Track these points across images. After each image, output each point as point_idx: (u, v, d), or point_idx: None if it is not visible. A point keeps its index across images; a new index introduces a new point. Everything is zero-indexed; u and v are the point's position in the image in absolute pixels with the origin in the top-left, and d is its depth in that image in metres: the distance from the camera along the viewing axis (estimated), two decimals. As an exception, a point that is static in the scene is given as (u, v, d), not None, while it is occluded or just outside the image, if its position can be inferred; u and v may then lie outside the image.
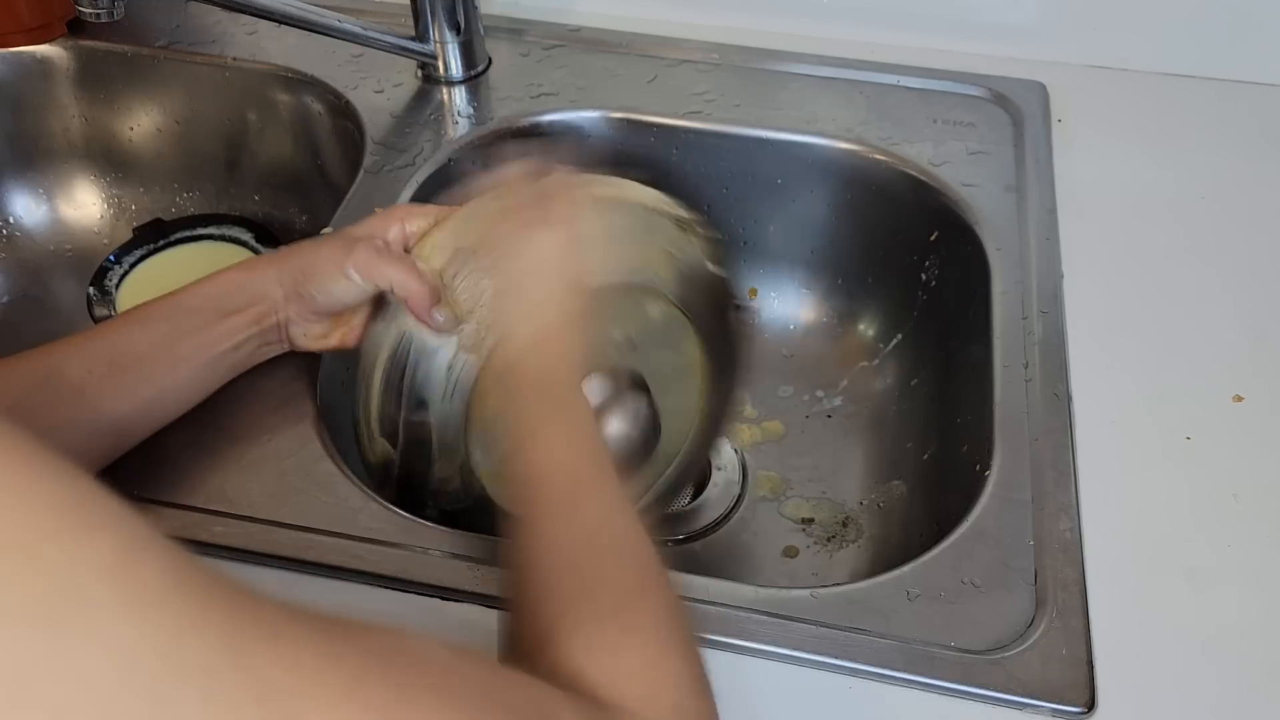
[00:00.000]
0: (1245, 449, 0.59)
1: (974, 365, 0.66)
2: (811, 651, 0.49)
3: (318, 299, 0.55)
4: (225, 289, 0.56)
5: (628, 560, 0.41)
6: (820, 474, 0.77)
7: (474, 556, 0.52)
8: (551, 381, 0.49)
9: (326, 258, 0.54)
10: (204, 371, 0.55)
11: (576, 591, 0.39)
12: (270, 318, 0.56)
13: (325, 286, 0.54)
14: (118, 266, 0.84)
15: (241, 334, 0.55)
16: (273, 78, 0.84)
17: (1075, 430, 0.59)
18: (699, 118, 0.80)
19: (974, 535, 0.54)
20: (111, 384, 0.52)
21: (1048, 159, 0.77)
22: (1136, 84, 0.85)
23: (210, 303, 0.55)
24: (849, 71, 0.84)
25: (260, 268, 0.56)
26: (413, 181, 0.75)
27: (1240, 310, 0.67)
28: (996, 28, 0.86)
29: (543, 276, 0.52)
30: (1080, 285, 0.68)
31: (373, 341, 0.56)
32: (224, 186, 0.90)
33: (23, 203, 0.89)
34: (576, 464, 0.45)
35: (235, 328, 0.55)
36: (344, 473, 0.56)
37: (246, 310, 0.55)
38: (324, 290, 0.54)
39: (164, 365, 0.54)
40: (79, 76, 0.86)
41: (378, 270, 0.53)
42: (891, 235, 0.79)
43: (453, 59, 0.82)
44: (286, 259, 0.56)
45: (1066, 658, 0.49)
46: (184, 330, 0.54)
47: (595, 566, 0.40)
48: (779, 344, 0.84)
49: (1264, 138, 0.80)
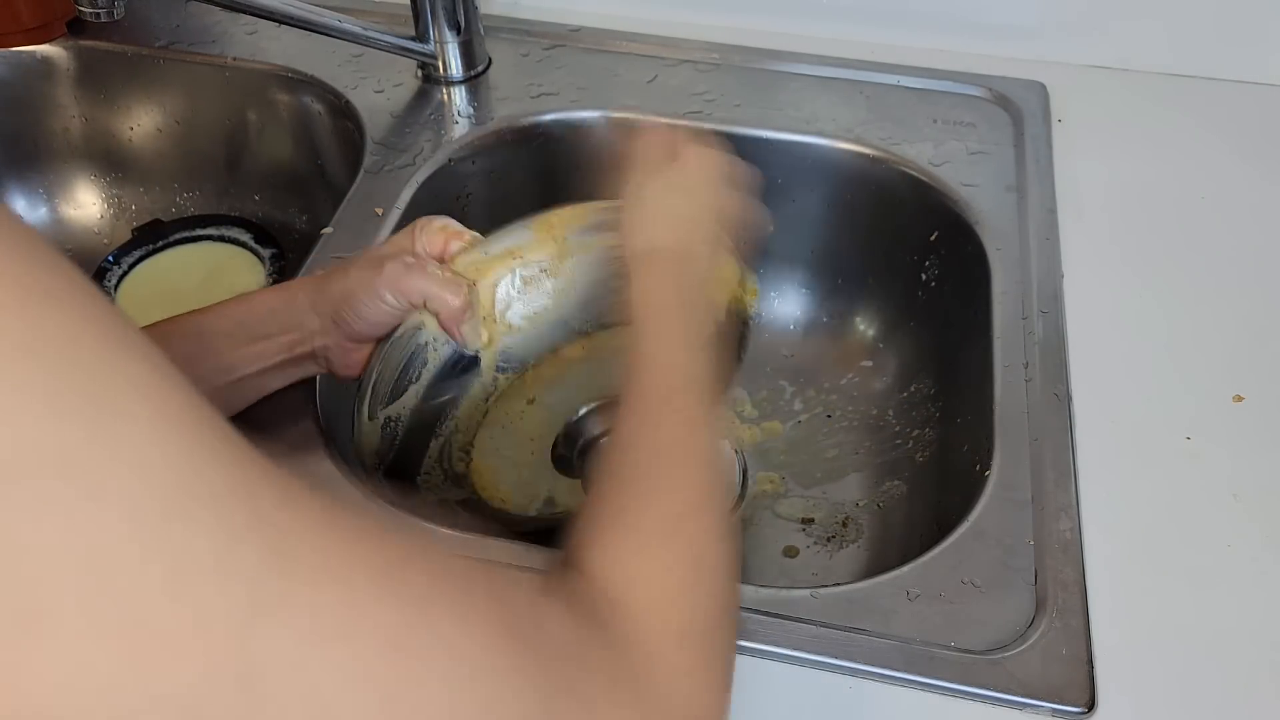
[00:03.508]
0: (1245, 449, 0.59)
1: (974, 365, 0.66)
2: (811, 651, 0.49)
3: (355, 326, 0.53)
4: (256, 314, 0.54)
5: (696, 476, 0.41)
6: (820, 474, 0.77)
7: (475, 557, 0.52)
8: (687, 286, 0.49)
9: (357, 281, 0.53)
10: (224, 394, 0.54)
11: (639, 494, 0.39)
12: (303, 345, 0.54)
13: (361, 313, 0.53)
14: (116, 267, 0.84)
15: (268, 360, 0.54)
16: (273, 78, 0.84)
17: (1075, 430, 0.59)
18: (699, 118, 0.80)
19: (974, 535, 0.54)
20: None
21: (1048, 159, 0.77)
22: (1136, 84, 0.85)
23: (239, 326, 0.54)
24: (849, 71, 0.84)
25: (296, 295, 0.55)
26: (413, 181, 0.75)
27: (1240, 310, 0.67)
28: (996, 28, 0.86)
29: (693, 196, 0.53)
30: (1080, 285, 0.68)
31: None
32: (224, 187, 0.90)
33: (23, 203, 0.89)
34: (686, 363, 0.45)
35: (262, 353, 0.54)
36: (344, 473, 0.56)
37: (277, 337, 0.54)
38: (360, 316, 0.53)
39: None
40: (79, 76, 0.86)
41: (408, 284, 0.52)
42: (891, 235, 0.79)
43: (453, 59, 0.82)
44: (322, 287, 0.54)
45: (1066, 658, 0.49)
46: (207, 351, 0.53)
47: (667, 473, 0.40)
48: (779, 344, 0.84)
49: (1264, 138, 0.80)
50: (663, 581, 0.36)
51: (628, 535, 0.37)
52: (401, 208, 0.73)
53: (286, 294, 0.55)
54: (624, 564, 0.36)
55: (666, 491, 0.39)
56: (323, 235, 0.70)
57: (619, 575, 0.35)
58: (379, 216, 0.72)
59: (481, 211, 0.80)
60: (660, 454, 0.41)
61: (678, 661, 0.34)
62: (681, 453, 0.41)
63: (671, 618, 0.35)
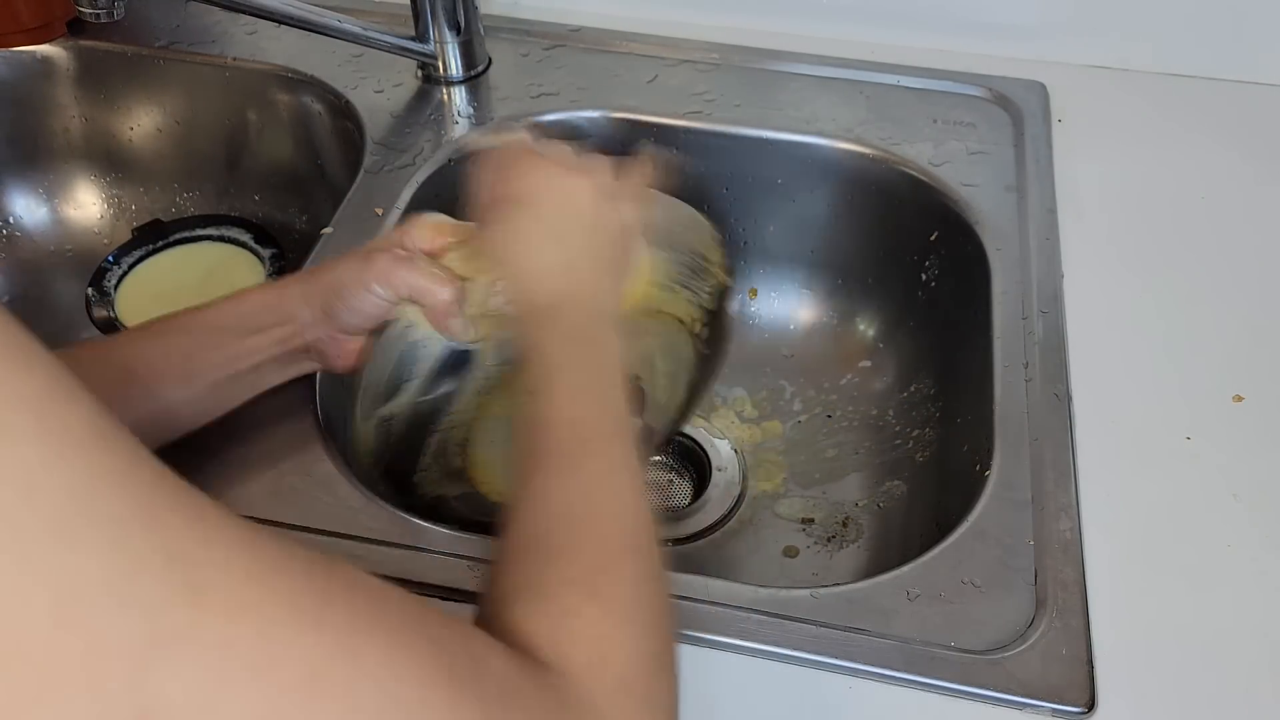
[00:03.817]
0: (1245, 449, 0.59)
1: (974, 365, 0.66)
2: (811, 651, 0.49)
3: (345, 317, 0.54)
4: (251, 308, 0.55)
5: (614, 525, 0.39)
6: (820, 474, 0.77)
7: (474, 556, 0.52)
8: (580, 325, 0.47)
9: (347, 273, 0.53)
10: (220, 389, 0.54)
11: (552, 552, 0.37)
12: (296, 339, 0.55)
13: (351, 304, 0.53)
14: (116, 267, 0.84)
15: (264, 354, 0.54)
16: (273, 78, 0.84)
17: (1075, 430, 0.59)
18: (699, 118, 0.80)
19: (974, 535, 0.54)
20: (122, 394, 0.51)
21: (1048, 159, 0.77)
22: (1136, 84, 0.85)
23: (234, 320, 0.54)
24: (849, 71, 0.84)
25: (288, 288, 0.55)
26: (413, 181, 0.75)
27: (1240, 310, 0.67)
28: (996, 28, 0.86)
29: (579, 221, 0.50)
30: (1080, 285, 0.68)
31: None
32: (224, 187, 0.90)
33: (23, 203, 0.89)
34: (588, 415, 0.43)
35: (257, 347, 0.54)
36: (344, 473, 0.56)
37: (271, 330, 0.54)
38: (350, 308, 0.53)
39: (178, 380, 0.53)
40: (79, 76, 0.86)
41: (397, 277, 0.52)
42: (891, 235, 0.79)
43: (453, 59, 0.82)
44: (313, 279, 0.55)
45: (1066, 658, 0.49)
46: (203, 346, 0.53)
47: (578, 528, 0.39)
48: (779, 344, 0.84)
49: (1264, 138, 0.80)
50: (594, 635, 0.35)
51: (551, 597, 0.36)
52: (401, 208, 0.73)
53: (279, 288, 0.56)
54: (551, 626, 0.35)
55: (586, 546, 0.38)
56: (323, 235, 0.70)
57: (547, 638, 0.34)
58: (379, 216, 0.72)
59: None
60: (574, 508, 0.39)
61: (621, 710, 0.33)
62: (599, 501, 0.40)
63: (608, 671, 0.34)
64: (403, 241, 0.55)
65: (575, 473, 0.41)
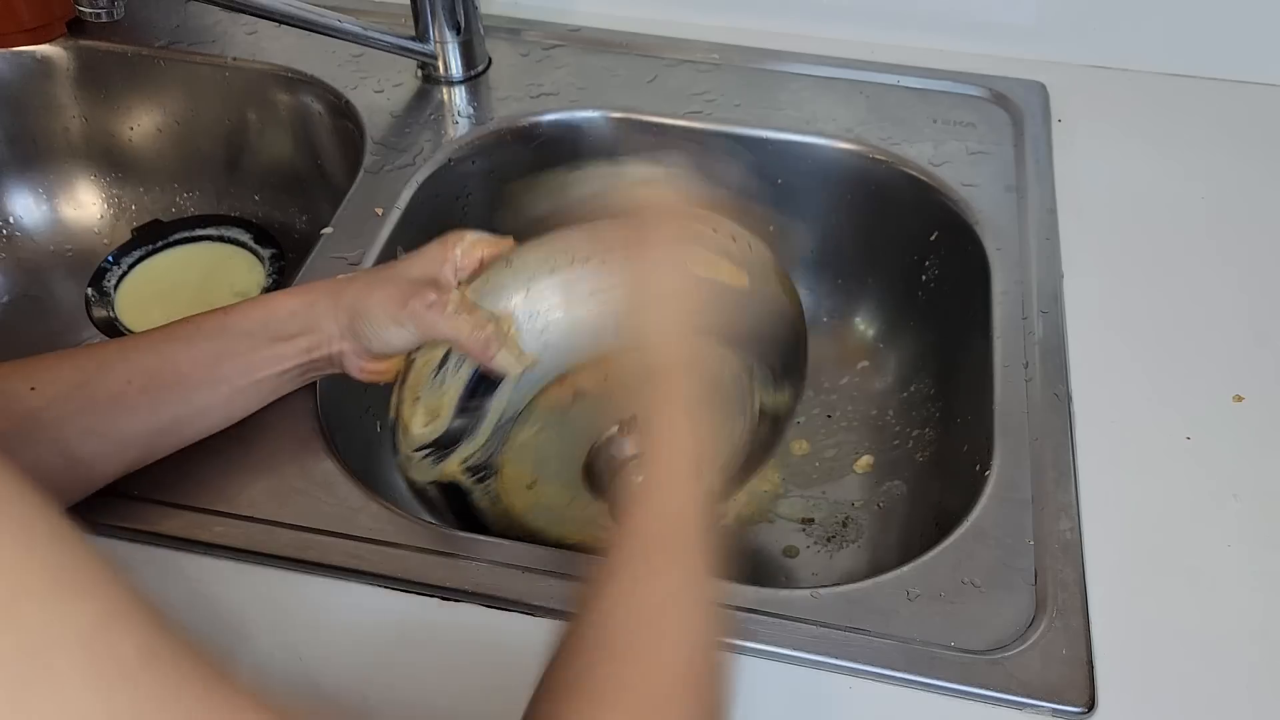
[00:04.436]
0: (1245, 449, 0.59)
1: (974, 365, 0.66)
2: (811, 651, 0.49)
3: (371, 343, 0.53)
4: (278, 314, 0.54)
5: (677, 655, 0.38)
6: (820, 474, 0.77)
7: (474, 557, 0.52)
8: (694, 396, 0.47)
9: (379, 304, 0.52)
10: (244, 394, 0.54)
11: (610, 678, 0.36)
12: (321, 349, 0.54)
13: (378, 333, 0.52)
14: (116, 267, 0.84)
15: (289, 361, 0.54)
16: (273, 78, 0.84)
17: (1075, 430, 0.59)
18: (699, 118, 0.80)
19: (974, 535, 0.54)
20: (148, 398, 0.51)
21: (1048, 159, 0.77)
22: (1136, 84, 0.85)
23: (261, 327, 0.54)
24: (849, 71, 0.84)
25: (317, 299, 0.54)
26: (413, 182, 0.75)
27: (1240, 310, 0.67)
28: (997, 28, 0.86)
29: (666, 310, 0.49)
30: (1080, 285, 0.68)
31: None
32: (224, 187, 0.90)
33: (23, 203, 0.89)
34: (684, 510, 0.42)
35: (283, 354, 0.54)
36: (344, 473, 0.56)
37: (297, 338, 0.54)
38: (377, 336, 0.52)
39: (204, 384, 0.53)
40: (79, 76, 0.86)
41: (433, 328, 0.50)
42: (891, 235, 0.79)
43: (453, 59, 0.82)
44: (342, 294, 0.54)
45: (1066, 658, 0.49)
46: (230, 351, 0.53)
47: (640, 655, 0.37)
48: (779, 344, 0.84)
49: (1264, 138, 0.80)
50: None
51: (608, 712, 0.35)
52: (401, 208, 0.73)
53: (307, 297, 0.55)
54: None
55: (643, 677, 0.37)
56: (323, 235, 0.70)
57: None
58: (379, 216, 0.72)
59: (481, 212, 0.80)
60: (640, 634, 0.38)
61: None
62: (667, 626, 0.39)
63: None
64: (437, 272, 0.53)
65: (652, 581, 0.40)
